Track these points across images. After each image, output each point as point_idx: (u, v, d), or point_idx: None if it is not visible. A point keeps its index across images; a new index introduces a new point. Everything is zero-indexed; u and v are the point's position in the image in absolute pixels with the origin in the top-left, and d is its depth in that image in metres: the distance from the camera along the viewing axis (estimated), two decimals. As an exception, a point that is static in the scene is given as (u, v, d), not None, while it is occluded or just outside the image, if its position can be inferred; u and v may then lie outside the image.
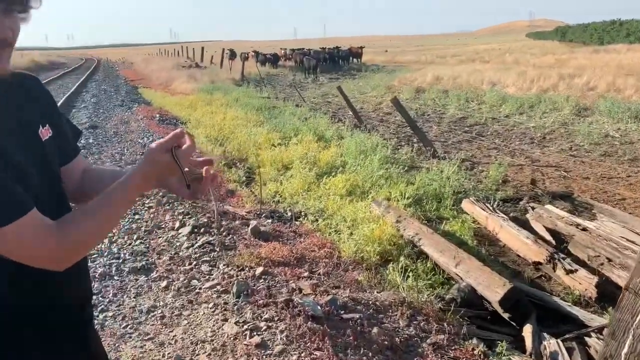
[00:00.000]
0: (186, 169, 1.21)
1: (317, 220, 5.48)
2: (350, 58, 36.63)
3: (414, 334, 3.21)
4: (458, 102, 14.62)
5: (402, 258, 4.38)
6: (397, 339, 3.12)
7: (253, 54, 37.09)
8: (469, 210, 5.80)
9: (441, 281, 4.20)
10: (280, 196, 6.49)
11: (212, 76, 23.43)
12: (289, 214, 5.70)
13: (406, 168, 7.33)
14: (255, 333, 3.02)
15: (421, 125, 11.02)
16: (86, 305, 1.35)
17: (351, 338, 3.04)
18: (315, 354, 2.84)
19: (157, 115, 12.18)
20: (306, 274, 3.98)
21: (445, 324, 3.34)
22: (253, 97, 16.09)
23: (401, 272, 4.09)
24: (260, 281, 3.73)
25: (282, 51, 40.21)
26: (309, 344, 2.93)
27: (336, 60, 35.52)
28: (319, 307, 3.29)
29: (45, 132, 1.23)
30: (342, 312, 3.36)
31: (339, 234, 5.01)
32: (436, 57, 36.37)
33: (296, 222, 5.42)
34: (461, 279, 4.03)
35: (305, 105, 14.76)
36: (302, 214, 5.76)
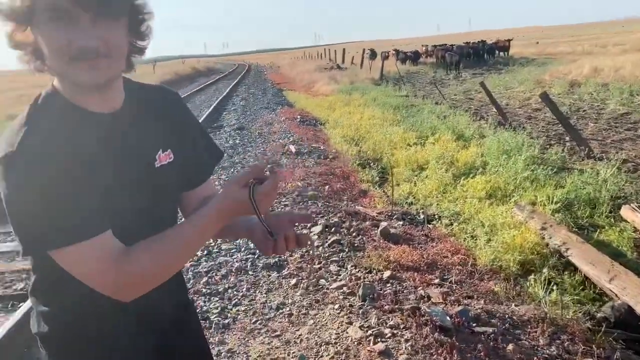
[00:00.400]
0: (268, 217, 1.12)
1: (451, 224, 5.23)
2: (496, 52, 34.77)
3: (555, 354, 2.89)
4: (620, 96, 13.11)
5: (545, 269, 3.99)
6: (535, 358, 2.83)
7: (393, 52, 36.90)
8: (630, 219, 5.13)
9: (591, 297, 3.75)
10: (414, 197, 6.31)
11: (352, 77, 23.72)
12: (422, 216, 5.52)
13: (555, 169, 6.72)
14: (379, 339, 2.93)
15: (575, 122, 10.06)
16: (170, 329, 1.30)
17: (482, 354, 2.82)
18: (441, 368, 2.68)
19: (298, 117, 12.60)
20: (436, 281, 3.80)
21: (594, 346, 2.96)
22: (391, 96, 15.98)
23: (544, 284, 3.73)
24: (388, 285, 3.63)
25: (423, 48, 39.45)
26: (435, 356, 2.78)
27: (481, 55, 33.90)
28: (448, 318, 3.11)
29: (163, 158, 1.19)
30: (474, 324, 3.14)
31: (475, 239, 4.72)
32: (595, 47, 33.11)
33: (429, 225, 5.22)
34: (616, 296, 3.57)
35: (445, 103, 14.30)
36: (436, 216, 5.54)
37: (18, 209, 0.97)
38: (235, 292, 3.74)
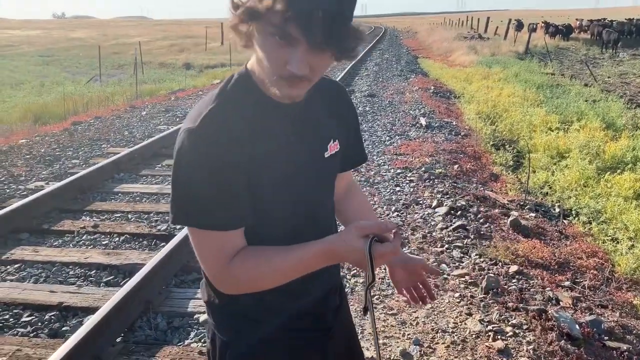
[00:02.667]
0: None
1: (590, 222, 4.85)
2: (665, 31, 30.90)
3: (699, 388, 2.61)
4: None
5: (697, 289, 3.58)
6: (674, 388, 2.58)
7: (542, 25, 34.24)
8: None
9: None
10: (550, 188, 5.92)
11: (494, 48, 22.46)
12: (557, 210, 5.17)
13: None
14: (499, 337, 2.84)
15: None
16: (327, 313, 1.33)
17: (612, 372, 2.63)
18: (565, 379, 2.54)
19: (432, 87, 12.26)
20: (567, 283, 3.57)
21: None
22: (535, 73, 14.94)
23: (694, 306, 3.36)
24: (513, 281, 3.48)
25: (577, 22, 36.15)
26: (558, 365, 2.63)
27: (645, 34, 30.36)
28: (577, 326, 2.92)
29: (332, 147, 1.22)
30: (606, 338, 2.93)
31: (617, 243, 4.35)
32: None
33: (564, 221, 4.89)
34: None
35: (596, 86, 13.07)
36: (573, 212, 5.17)
37: (177, 182, 1.05)
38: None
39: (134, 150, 6.46)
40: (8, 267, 3.82)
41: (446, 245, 4.02)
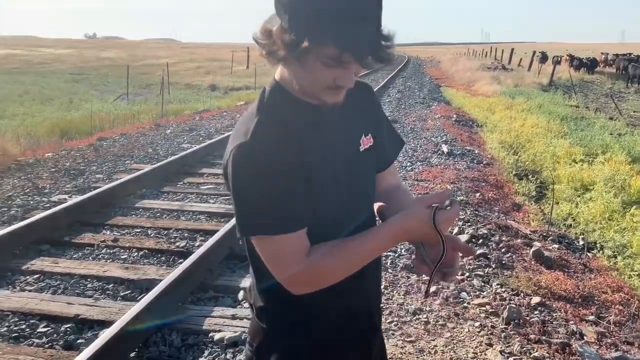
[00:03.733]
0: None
1: (615, 256, 4.74)
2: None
3: None
4: None
5: None
6: None
7: (567, 57, 34.13)
8: None
9: None
10: (574, 220, 5.81)
11: (517, 79, 22.41)
12: (581, 242, 5.06)
13: None
14: (520, 369, 2.75)
15: None
16: (374, 313, 1.37)
17: (639, 412, 2.52)
18: (589, 417, 2.44)
19: (454, 116, 12.23)
20: (591, 317, 3.46)
21: None
22: (559, 105, 14.83)
23: None
24: (535, 312, 3.39)
25: (603, 56, 35.97)
26: (582, 402, 2.54)
27: (672, 69, 30.02)
28: (602, 363, 2.82)
29: (366, 141, 1.28)
30: (632, 376, 2.82)
31: (643, 279, 4.22)
32: None
33: (588, 254, 4.78)
34: None
35: (622, 119, 12.92)
36: (598, 245, 5.05)
37: (240, 194, 1.10)
38: (373, 288, 3.75)
39: (157, 167, 6.53)
40: (27, 277, 3.84)
41: (467, 274, 3.94)
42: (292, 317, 1.23)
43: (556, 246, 4.77)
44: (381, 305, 3.44)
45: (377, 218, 1.36)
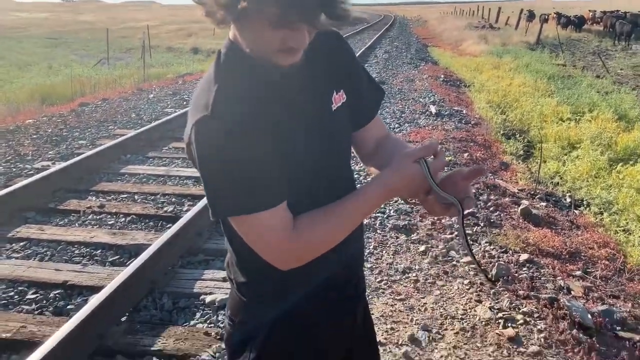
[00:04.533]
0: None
1: (601, 213, 4.78)
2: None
3: None
4: None
5: None
6: (688, 380, 2.53)
7: (554, 15, 33.83)
8: None
9: None
10: (561, 178, 5.85)
11: (505, 38, 22.24)
12: (568, 200, 5.10)
13: None
14: (509, 324, 2.79)
15: None
16: (359, 280, 1.34)
17: (625, 362, 2.57)
18: (576, 369, 2.49)
19: (442, 76, 12.13)
20: (578, 272, 3.51)
21: None
22: (546, 64, 14.78)
23: None
24: (524, 269, 3.42)
25: (590, 13, 35.70)
26: (570, 354, 2.58)
27: (659, 26, 29.93)
28: (589, 316, 2.87)
29: (338, 98, 1.17)
30: (618, 328, 2.87)
31: (628, 234, 4.28)
32: None
33: (575, 211, 4.82)
34: None
35: (608, 77, 12.92)
36: (584, 202, 5.10)
37: (208, 173, 1.02)
38: (363, 248, 3.76)
39: (140, 132, 6.42)
40: (14, 244, 3.79)
41: (455, 233, 3.96)
42: (275, 289, 1.18)
43: (544, 204, 4.80)
44: (371, 267, 3.47)
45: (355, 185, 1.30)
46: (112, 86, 11.70)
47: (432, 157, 1.09)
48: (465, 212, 1.10)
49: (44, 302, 3.08)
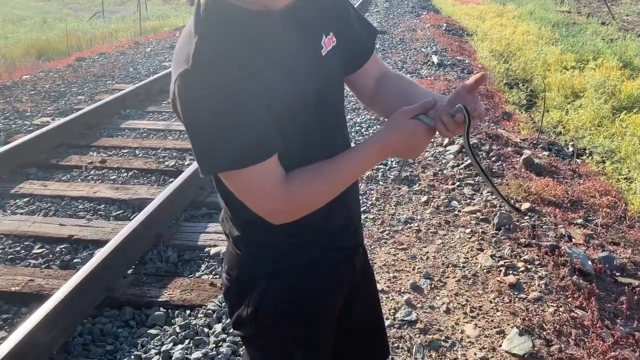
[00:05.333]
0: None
1: (604, 161, 4.78)
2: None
3: None
4: None
5: None
6: (685, 322, 2.58)
7: (560, -40, 32.77)
8: None
9: None
10: (564, 127, 5.81)
11: (508, -15, 21.59)
12: (571, 149, 5.08)
13: None
14: (510, 272, 2.83)
15: None
16: (358, 228, 1.33)
17: (624, 306, 2.62)
18: (576, 313, 2.54)
19: (444, 25, 11.87)
20: (579, 221, 3.53)
21: None
22: (550, 11, 14.42)
23: None
24: (525, 218, 3.44)
25: (597, -43, 34.59)
26: (570, 299, 2.63)
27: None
28: (589, 262, 2.91)
29: (327, 43, 1.13)
30: (618, 274, 2.91)
31: (630, 182, 4.29)
32: None
33: (577, 160, 4.81)
34: None
35: (614, 24, 12.62)
36: (587, 151, 5.08)
37: (194, 129, 0.99)
38: (364, 200, 3.77)
39: (139, 87, 6.34)
40: (17, 200, 3.81)
41: (457, 183, 3.97)
42: (273, 242, 1.17)
43: (546, 153, 4.79)
44: (373, 218, 3.49)
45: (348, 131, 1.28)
46: (108, 40, 11.49)
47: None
48: (474, 124, 1.08)
49: (50, 256, 3.12)
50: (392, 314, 2.54)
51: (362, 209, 3.62)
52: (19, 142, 4.44)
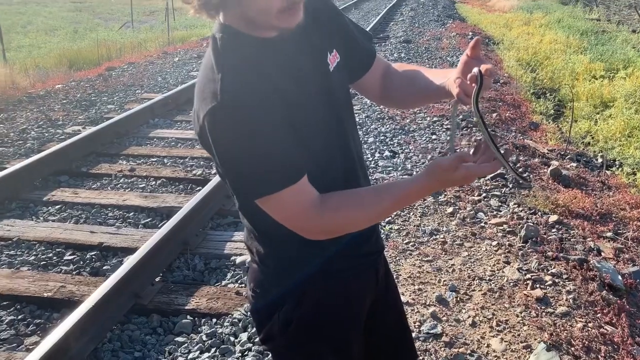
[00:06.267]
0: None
1: (634, 173, 4.69)
2: None
3: None
4: None
5: None
6: None
7: (589, -33, 32.30)
8: None
9: None
10: (592, 138, 5.72)
11: (536, -8, 21.37)
12: (600, 160, 5.00)
13: None
14: (537, 285, 2.80)
15: None
16: (378, 235, 1.35)
17: (655, 323, 2.57)
18: (606, 329, 2.49)
19: (470, 33, 11.80)
20: (609, 234, 3.47)
21: None
22: (579, 19, 14.23)
23: None
24: (553, 230, 3.40)
25: (627, -36, 34.00)
26: (599, 314, 2.59)
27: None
28: (619, 277, 2.86)
29: (332, 59, 1.17)
30: (649, 289, 2.85)
31: (662, 195, 4.19)
32: None
33: (607, 172, 4.73)
34: None
35: (645, 32, 12.39)
36: (617, 162, 4.99)
37: (227, 163, 1.03)
38: (390, 210, 3.76)
39: (167, 96, 6.46)
40: (49, 207, 3.91)
41: (484, 194, 3.94)
42: (299, 256, 1.19)
43: (574, 164, 4.72)
44: (398, 229, 3.48)
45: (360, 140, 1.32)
46: (137, 50, 11.72)
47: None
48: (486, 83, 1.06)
49: (81, 263, 3.19)
50: (417, 326, 2.53)
51: (387, 219, 3.62)
52: (51, 151, 4.56)
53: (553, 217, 3.54)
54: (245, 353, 2.41)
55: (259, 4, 0.97)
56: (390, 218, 3.65)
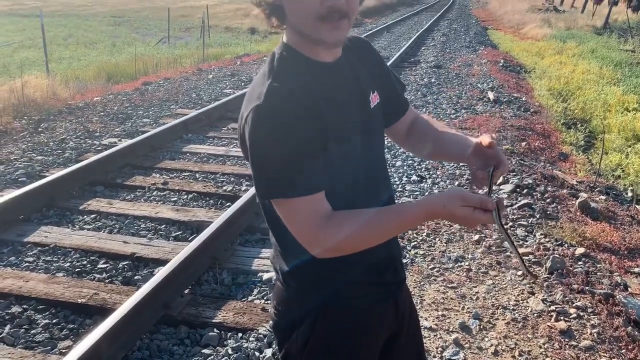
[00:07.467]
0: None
1: (665, 209, 4.62)
2: None
3: None
4: None
5: None
6: None
7: (625, -3, 31.98)
8: None
9: None
10: (623, 171, 5.66)
11: (569, 22, 21.29)
12: (630, 194, 4.95)
13: None
14: (562, 317, 2.79)
15: None
16: (398, 265, 1.38)
17: (681, 363, 2.54)
18: (630, 366, 2.48)
19: (502, 61, 11.82)
20: (637, 269, 3.44)
21: None
22: (613, 50, 14.10)
23: None
24: (579, 263, 3.39)
25: (665, -5, 33.54)
26: (624, 351, 2.57)
27: None
28: (646, 314, 2.83)
29: (374, 99, 1.28)
30: (676, 328, 2.82)
31: (693, 232, 4.12)
32: None
33: (637, 206, 4.68)
34: None
35: (681, 66, 12.21)
36: (648, 197, 4.93)
37: (256, 157, 1.10)
38: (414, 235, 3.80)
39: (201, 112, 6.63)
40: (85, 216, 4.06)
41: (510, 223, 3.94)
42: (319, 278, 1.24)
43: (603, 197, 4.69)
44: (423, 254, 3.51)
45: (389, 176, 1.41)
46: (173, 65, 12.05)
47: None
48: (499, 179, 1.17)
49: (114, 271, 3.30)
50: (439, 352, 2.56)
51: (412, 244, 3.65)
52: (89, 161, 4.73)
53: (580, 250, 3.52)
54: (269, 369, 2.46)
55: (300, 8, 1.09)
56: (415, 242, 3.68)
